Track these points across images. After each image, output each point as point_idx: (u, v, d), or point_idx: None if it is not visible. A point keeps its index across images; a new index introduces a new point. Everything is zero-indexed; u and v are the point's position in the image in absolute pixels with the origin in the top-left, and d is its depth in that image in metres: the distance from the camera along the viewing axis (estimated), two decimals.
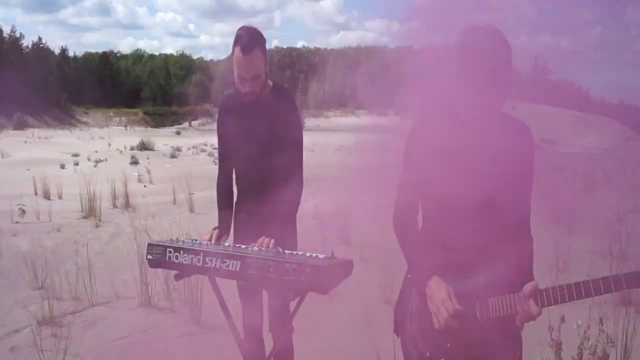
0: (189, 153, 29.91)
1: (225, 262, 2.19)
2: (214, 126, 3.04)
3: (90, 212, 9.64)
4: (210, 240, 2.54)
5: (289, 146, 2.67)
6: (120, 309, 5.08)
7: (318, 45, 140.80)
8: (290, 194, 2.68)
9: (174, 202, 11.49)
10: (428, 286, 1.89)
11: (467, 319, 1.83)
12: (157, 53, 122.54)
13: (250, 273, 2.14)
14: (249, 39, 2.53)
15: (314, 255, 2.22)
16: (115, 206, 10.75)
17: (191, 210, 10.69)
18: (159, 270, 4.92)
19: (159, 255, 2.32)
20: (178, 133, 48.17)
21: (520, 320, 1.83)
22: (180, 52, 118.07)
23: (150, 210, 10.51)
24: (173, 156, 27.04)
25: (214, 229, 2.68)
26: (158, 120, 61.49)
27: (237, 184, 2.85)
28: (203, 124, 54.92)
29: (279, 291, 2.70)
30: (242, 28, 2.61)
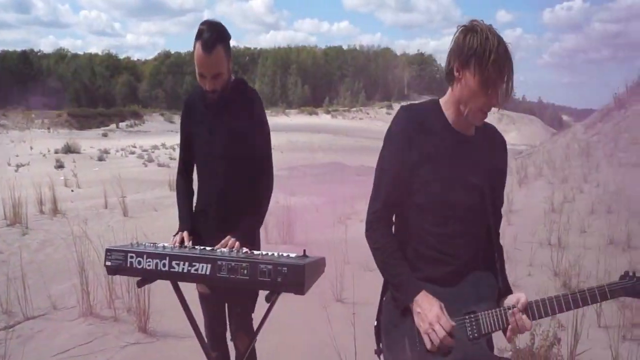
0: (118, 155, 28.92)
1: (194, 265, 2.04)
2: (143, 127, 2.89)
3: (15, 219, 9.04)
4: (177, 243, 2.41)
5: (255, 144, 2.57)
6: (58, 320, 4.76)
7: (248, 45, 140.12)
8: (258, 193, 2.58)
9: (106, 206, 11.03)
10: (416, 303, 1.80)
11: (454, 336, 1.77)
12: (81, 52, 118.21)
13: (221, 276, 2.00)
14: (211, 36, 2.39)
15: (285, 254, 2.12)
16: (42, 212, 10.15)
17: (125, 214, 10.31)
18: (101, 277, 4.71)
19: (119, 261, 2.14)
20: (105, 135, 46.39)
21: (511, 333, 1.81)
22: (106, 51, 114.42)
23: (81, 215, 10.02)
24: (101, 159, 26.03)
25: (177, 232, 2.54)
26: (83, 122, 58.96)
27: (200, 182, 2.70)
28: (131, 126, 53.21)
29: (243, 297, 2.61)
30: (204, 23, 2.45)
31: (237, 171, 2.55)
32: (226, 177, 2.55)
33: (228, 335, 2.79)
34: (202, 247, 2.24)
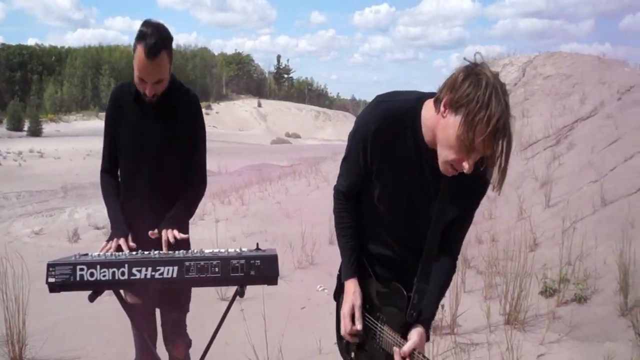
0: None
1: (159, 269, 1.98)
2: None
3: None
4: (112, 250, 2.25)
5: (191, 145, 2.48)
6: None
7: (53, 44, 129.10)
8: (192, 194, 2.52)
9: None
10: (346, 286, 1.91)
11: (368, 335, 1.89)
12: None
13: (190, 277, 1.97)
14: (156, 42, 2.21)
15: (243, 249, 2.13)
16: None
17: None
18: None
19: (66, 276, 1.97)
20: None
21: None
22: None
23: None
24: None
25: (111, 237, 2.37)
26: None
27: (128, 182, 2.53)
28: None
29: (178, 303, 2.55)
30: (148, 25, 2.26)
31: (168, 179, 2.46)
32: (155, 187, 2.44)
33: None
34: (158, 251, 2.14)
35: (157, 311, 2.65)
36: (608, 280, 4.58)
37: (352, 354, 2.00)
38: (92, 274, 1.99)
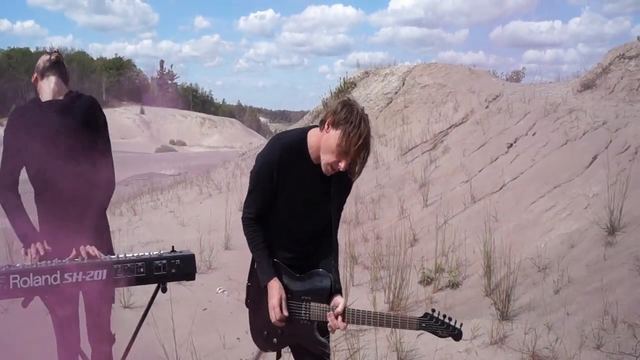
0: None
1: (89, 273, 2.22)
2: None
3: None
4: (33, 254, 2.40)
5: (97, 144, 2.67)
6: None
7: None
8: (102, 192, 2.68)
9: None
10: (269, 287, 2.40)
11: (293, 318, 2.41)
12: None
13: (119, 277, 2.24)
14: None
15: (163, 252, 2.43)
16: None
17: None
18: None
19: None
20: None
21: (330, 328, 2.39)
22: None
23: None
24: None
25: (27, 245, 2.50)
26: None
27: (40, 190, 2.68)
28: None
29: (100, 304, 2.76)
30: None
31: (79, 175, 2.58)
32: (69, 181, 2.55)
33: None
34: (81, 257, 2.36)
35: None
36: (476, 267, 5.27)
37: (275, 340, 2.47)
38: (25, 282, 2.20)
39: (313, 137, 2.34)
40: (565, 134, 7.28)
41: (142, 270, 2.27)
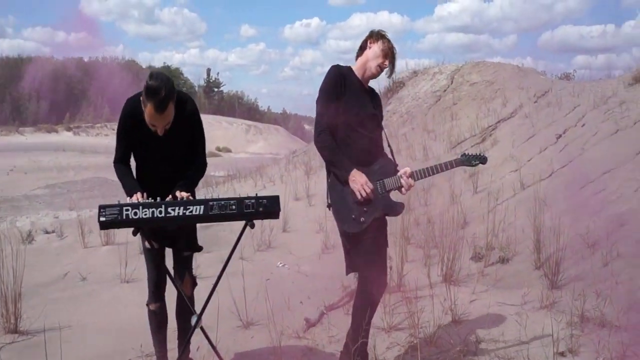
0: None
1: (189, 208, 2.59)
2: None
3: None
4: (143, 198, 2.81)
5: (193, 139, 3.16)
6: None
7: None
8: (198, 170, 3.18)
9: None
10: (352, 175, 3.07)
11: (374, 192, 3.12)
12: None
13: (214, 214, 2.60)
14: (164, 97, 2.76)
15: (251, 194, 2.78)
16: None
17: None
18: None
19: (115, 215, 2.55)
20: None
21: (405, 190, 3.20)
22: None
23: None
24: None
25: (133, 193, 2.90)
26: None
27: (147, 164, 3.15)
28: None
29: (190, 242, 3.17)
30: (156, 78, 2.78)
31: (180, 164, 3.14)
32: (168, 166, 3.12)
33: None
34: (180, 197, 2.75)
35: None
36: (525, 245, 5.47)
37: (362, 219, 3.10)
38: (135, 213, 2.58)
39: (357, 64, 3.30)
40: (616, 124, 7.37)
41: (233, 207, 2.63)
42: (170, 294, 3.30)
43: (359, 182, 3.05)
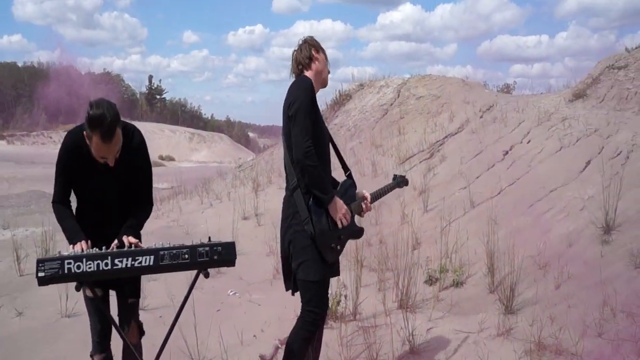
0: None
1: (138, 259, 2.41)
2: None
3: None
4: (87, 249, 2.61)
5: (143, 174, 2.99)
6: None
7: None
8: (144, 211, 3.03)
9: None
10: (335, 201, 3.10)
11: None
12: None
13: (165, 264, 2.43)
14: (109, 126, 2.58)
15: (204, 241, 2.62)
16: None
17: None
18: None
19: (55, 270, 2.33)
20: None
21: (364, 213, 3.38)
22: None
23: None
24: None
25: (76, 241, 2.72)
26: None
27: (90, 204, 2.94)
28: None
29: (133, 289, 2.97)
30: (98, 106, 2.61)
31: (125, 199, 2.98)
32: (117, 204, 2.96)
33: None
34: (132, 246, 2.56)
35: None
36: (479, 266, 5.49)
37: (339, 247, 3.22)
38: (79, 267, 2.38)
39: (312, 75, 3.25)
40: (559, 141, 7.55)
41: (186, 256, 2.46)
42: (117, 342, 3.09)
43: (340, 210, 3.11)
